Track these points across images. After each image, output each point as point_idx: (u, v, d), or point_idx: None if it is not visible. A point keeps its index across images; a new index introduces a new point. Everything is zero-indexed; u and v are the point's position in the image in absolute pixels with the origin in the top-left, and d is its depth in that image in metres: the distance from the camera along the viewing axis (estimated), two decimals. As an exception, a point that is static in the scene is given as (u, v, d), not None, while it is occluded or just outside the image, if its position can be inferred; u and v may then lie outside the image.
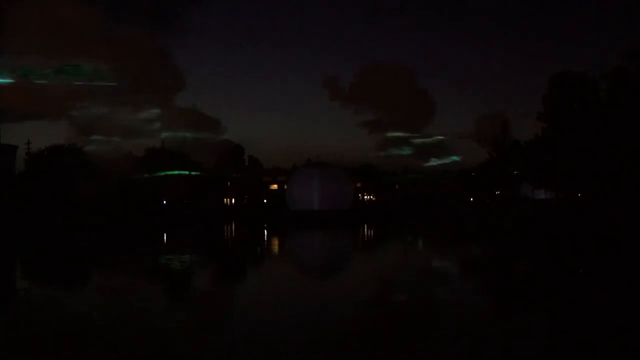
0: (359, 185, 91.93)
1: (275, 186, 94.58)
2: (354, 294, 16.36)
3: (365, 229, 51.38)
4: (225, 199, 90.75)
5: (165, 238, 42.23)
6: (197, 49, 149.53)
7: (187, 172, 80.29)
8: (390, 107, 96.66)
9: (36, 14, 66.83)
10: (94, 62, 71.16)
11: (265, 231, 48.58)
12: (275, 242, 38.68)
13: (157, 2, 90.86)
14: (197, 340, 11.08)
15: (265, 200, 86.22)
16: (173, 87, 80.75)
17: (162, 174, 78.23)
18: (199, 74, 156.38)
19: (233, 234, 48.45)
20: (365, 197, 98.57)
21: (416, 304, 15.05)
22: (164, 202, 74.76)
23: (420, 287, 17.80)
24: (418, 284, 18.35)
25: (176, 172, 79.47)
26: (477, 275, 21.21)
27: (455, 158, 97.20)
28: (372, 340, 10.98)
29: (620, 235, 33.02)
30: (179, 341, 11.10)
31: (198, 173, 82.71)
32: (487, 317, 13.39)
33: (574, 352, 10.36)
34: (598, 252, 26.39)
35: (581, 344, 10.85)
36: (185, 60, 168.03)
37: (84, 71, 70.70)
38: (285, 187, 77.38)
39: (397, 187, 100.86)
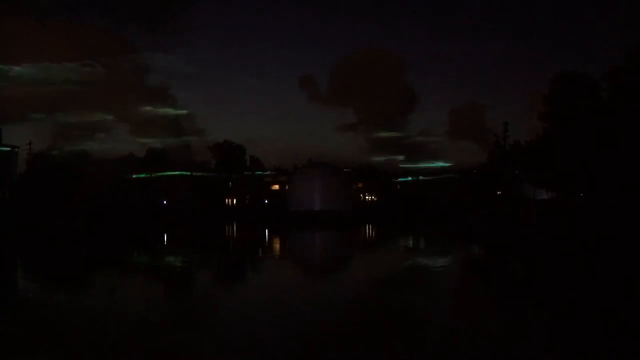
0: (360, 185, 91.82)
1: (276, 186, 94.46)
2: (352, 294, 16.40)
3: (367, 230, 51.38)
4: (226, 199, 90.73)
5: (165, 238, 42.29)
6: (196, 49, 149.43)
7: (188, 173, 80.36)
8: (381, 109, 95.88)
9: (25, 17, 67.19)
10: (83, 62, 71.42)
11: (267, 231, 48.62)
12: (276, 243, 38.71)
13: (156, 3, 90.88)
14: (192, 339, 11.14)
15: (266, 201, 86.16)
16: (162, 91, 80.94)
17: (164, 174, 78.28)
18: (199, 74, 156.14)
19: (234, 235, 48.49)
20: (367, 197, 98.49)
21: (414, 304, 15.08)
22: (165, 202, 74.84)
23: (419, 288, 17.83)
24: (416, 285, 18.38)
25: (177, 173, 79.53)
26: (477, 275, 21.24)
27: (444, 164, 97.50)
28: (370, 340, 11.03)
29: (620, 235, 32.96)
30: (176, 340, 11.15)
31: (200, 174, 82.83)
32: (486, 318, 13.42)
33: (575, 352, 10.39)
34: (598, 252, 26.39)
35: (581, 345, 10.88)
36: (183, 61, 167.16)
37: (71, 72, 70.91)
38: (287, 187, 77.41)
39: (398, 187, 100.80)
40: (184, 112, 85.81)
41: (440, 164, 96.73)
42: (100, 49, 72.38)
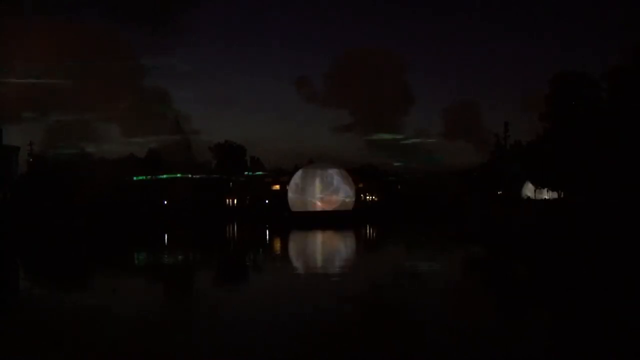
0: (360, 185, 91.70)
1: (277, 187, 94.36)
2: (352, 294, 16.40)
3: (367, 230, 51.35)
4: (227, 200, 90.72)
5: (165, 239, 42.30)
6: (196, 49, 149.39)
7: (189, 175, 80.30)
8: (381, 109, 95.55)
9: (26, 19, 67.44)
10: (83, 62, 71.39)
11: (267, 232, 48.62)
12: (277, 243, 38.71)
13: (157, 3, 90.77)
14: (192, 338, 11.14)
15: (267, 201, 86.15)
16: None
17: (165, 176, 78.28)
18: (199, 74, 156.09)
19: (235, 235, 48.49)
20: (368, 197, 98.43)
21: (414, 304, 15.09)
22: (165, 202, 74.85)
23: (419, 288, 17.83)
24: (416, 285, 18.38)
25: (178, 175, 79.47)
26: (477, 275, 21.24)
27: (439, 158, 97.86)
28: (371, 340, 11.04)
29: (620, 235, 32.97)
30: (176, 339, 11.16)
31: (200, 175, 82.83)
32: (485, 318, 13.42)
33: (575, 352, 10.40)
34: (598, 252, 26.38)
35: (581, 345, 10.88)
36: (183, 61, 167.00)
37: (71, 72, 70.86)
38: (287, 187, 77.39)
39: (398, 187, 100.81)
40: (184, 112, 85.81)
41: (435, 157, 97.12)
42: (100, 49, 72.39)
